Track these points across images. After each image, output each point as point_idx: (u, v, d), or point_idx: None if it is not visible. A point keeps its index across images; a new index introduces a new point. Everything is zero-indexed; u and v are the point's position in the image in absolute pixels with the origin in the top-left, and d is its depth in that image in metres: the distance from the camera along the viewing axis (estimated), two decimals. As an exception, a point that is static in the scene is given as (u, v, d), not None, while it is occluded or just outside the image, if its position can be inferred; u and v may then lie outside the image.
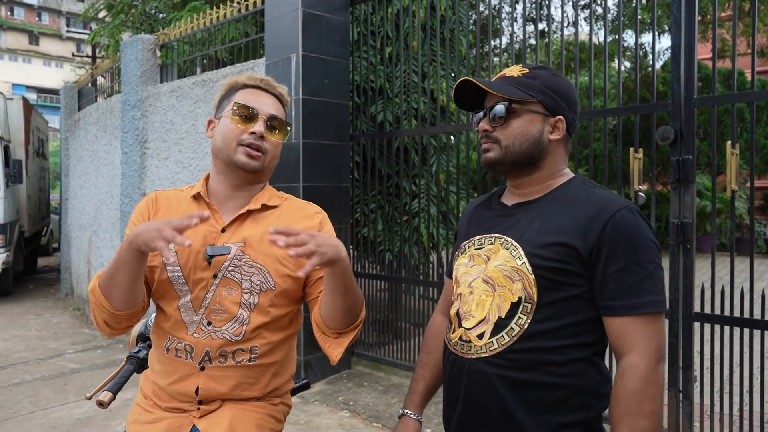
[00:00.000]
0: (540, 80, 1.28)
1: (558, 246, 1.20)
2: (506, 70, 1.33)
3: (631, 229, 1.18)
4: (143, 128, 5.79)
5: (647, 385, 1.15)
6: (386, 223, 4.71)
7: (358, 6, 4.63)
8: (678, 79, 3.03)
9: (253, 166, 1.43)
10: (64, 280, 8.62)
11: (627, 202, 1.22)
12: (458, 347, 1.29)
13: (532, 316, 1.21)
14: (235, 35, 5.22)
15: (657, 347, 1.17)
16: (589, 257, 1.19)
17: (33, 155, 10.76)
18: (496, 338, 1.23)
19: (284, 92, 1.54)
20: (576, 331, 1.21)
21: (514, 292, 1.22)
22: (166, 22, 7.54)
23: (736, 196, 2.99)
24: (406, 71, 4.64)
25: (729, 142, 2.85)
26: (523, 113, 1.27)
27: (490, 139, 1.30)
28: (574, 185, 1.30)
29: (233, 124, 1.43)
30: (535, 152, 1.28)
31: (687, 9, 2.99)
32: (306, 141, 4.17)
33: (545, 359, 1.20)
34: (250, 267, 1.41)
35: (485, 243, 1.32)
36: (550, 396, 1.20)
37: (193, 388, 1.40)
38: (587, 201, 1.23)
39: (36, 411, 3.94)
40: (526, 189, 1.32)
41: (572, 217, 1.22)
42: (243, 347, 1.40)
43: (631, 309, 1.17)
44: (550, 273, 1.20)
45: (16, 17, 48.96)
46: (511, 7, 3.77)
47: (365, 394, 4.04)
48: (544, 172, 1.30)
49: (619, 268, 1.17)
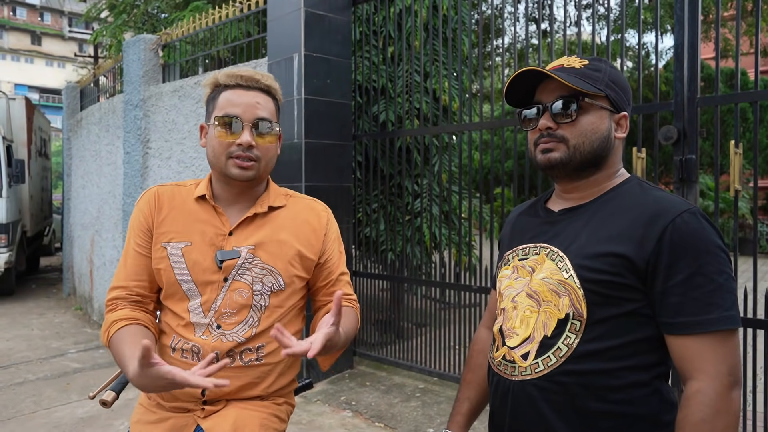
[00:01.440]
0: (604, 73, 1.16)
1: (609, 256, 1.07)
2: (563, 60, 1.19)
3: (695, 235, 1.04)
4: (145, 128, 5.80)
5: (716, 416, 0.99)
6: (388, 223, 4.71)
7: (361, 6, 4.63)
8: (681, 79, 3.02)
9: (247, 176, 1.39)
10: (67, 279, 8.63)
11: (689, 205, 1.07)
12: (502, 367, 1.17)
13: (581, 334, 1.08)
14: (238, 35, 5.22)
15: (729, 370, 1.02)
16: (646, 268, 1.05)
17: (35, 155, 10.77)
18: (541, 359, 1.10)
19: (271, 82, 1.44)
20: (632, 352, 1.08)
21: (561, 309, 1.09)
22: (168, 21, 7.55)
23: (739, 196, 2.98)
24: (408, 71, 4.64)
25: (732, 141, 2.84)
26: (592, 109, 1.14)
27: (555, 137, 1.15)
28: (629, 187, 1.16)
29: (218, 137, 1.37)
30: (605, 152, 1.15)
31: (690, 8, 2.99)
32: (308, 141, 4.17)
33: (598, 383, 1.07)
34: (261, 269, 1.40)
35: (530, 253, 1.20)
36: (604, 424, 1.08)
37: (198, 389, 1.38)
38: (643, 204, 1.10)
39: (39, 410, 3.94)
40: (580, 193, 1.19)
41: (626, 224, 1.09)
42: (250, 347, 1.40)
43: (697, 326, 1.03)
44: (601, 287, 1.07)
45: (19, 17, 49.02)
46: (513, 7, 3.76)
47: (367, 393, 4.04)
48: (603, 174, 1.18)
49: (681, 279, 1.03)
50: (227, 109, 1.37)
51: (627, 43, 10.97)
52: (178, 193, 1.48)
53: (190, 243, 1.41)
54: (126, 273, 1.44)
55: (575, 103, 1.13)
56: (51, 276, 11.09)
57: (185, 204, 1.46)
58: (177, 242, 1.41)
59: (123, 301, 1.42)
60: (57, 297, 8.72)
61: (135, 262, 1.44)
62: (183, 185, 1.50)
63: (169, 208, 1.45)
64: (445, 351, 4.20)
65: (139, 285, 1.44)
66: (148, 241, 1.44)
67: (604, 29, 10.26)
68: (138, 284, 1.44)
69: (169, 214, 1.44)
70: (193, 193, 1.47)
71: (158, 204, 1.46)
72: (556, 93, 1.15)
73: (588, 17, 9.78)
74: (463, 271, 4.25)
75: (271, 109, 1.42)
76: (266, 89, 1.42)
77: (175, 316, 1.42)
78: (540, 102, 1.18)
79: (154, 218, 1.44)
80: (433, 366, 4.26)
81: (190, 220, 1.43)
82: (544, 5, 8.96)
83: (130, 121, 5.92)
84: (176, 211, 1.45)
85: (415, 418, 3.58)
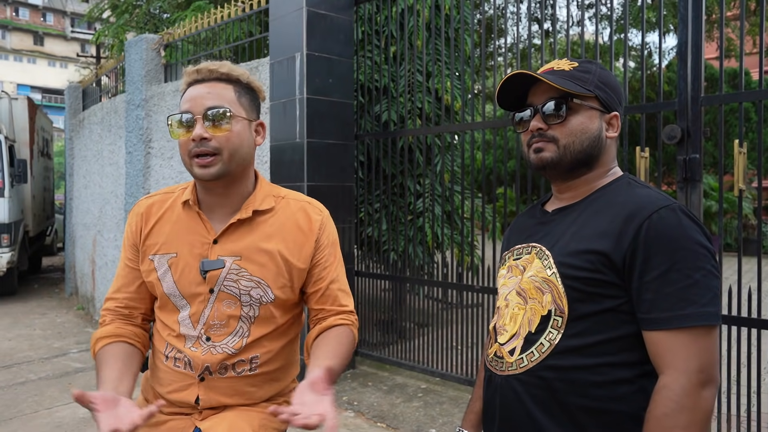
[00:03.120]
0: (593, 74, 1.19)
1: (589, 254, 1.09)
2: (553, 64, 1.23)
3: (672, 230, 1.05)
4: (147, 128, 5.79)
5: (680, 411, 0.99)
6: (390, 223, 4.70)
7: (363, 5, 4.62)
8: (685, 78, 3.01)
9: (211, 174, 1.30)
10: (69, 279, 8.64)
11: (670, 201, 1.08)
12: (493, 363, 1.21)
13: (563, 330, 1.10)
14: (240, 35, 5.22)
15: (700, 367, 1.01)
16: (624, 265, 1.07)
17: (38, 155, 10.78)
18: (525, 354, 1.14)
19: (229, 69, 1.35)
20: (614, 349, 1.08)
21: (544, 305, 1.13)
22: (170, 21, 7.55)
23: (743, 196, 2.96)
24: (410, 70, 4.63)
25: (736, 140, 2.83)
26: (581, 109, 1.17)
27: (545, 137, 1.19)
28: (617, 186, 1.19)
29: (175, 138, 1.32)
30: (595, 151, 1.18)
31: (694, 7, 2.98)
32: (310, 140, 4.17)
33: (579, 379, 1.08)
34: (248, 281, 1.35)
35: (523, 253, 1.23)
36: (586, 420, 1.08)
37: (192, 398, 1.37)
38: (625, 202, 1.11)
39: (40, 410, 3.94)
40: (573, 192, 1.23)
41: (607, 221, 1.11)
42: (243, 358, 1.37)
43: (668, 322, 1.03)
44: (581, 283, 1.09)
45: (21, 18, 49.11)
46: (515, 7, 3.76)
47: (369, 393, 4.03)
48: (595, 173, 1.21)
49: (656, 275, 1.04)
50: (181, 106, 1.33)
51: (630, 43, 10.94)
52: (166, 202, 1.44)
53: (176, 254, 1.37)
54: (117, 285, 1.45)
55: (564, 104, 1.17)
56: (53, 276, 11.10)
57: (172, 212, 1.41)
58: (163, 254, 1.38)
59: (111, 314, 1.43)
60: (59, 297, 8.73)
61: (124, 273, 1.45)
62: (172, 192, 1.46)
63: (156, 219, 1.42)
64: (448, 351, 4.18)
65: (128, 297, 1.44)
66: (136, 255, 1.43)
67: (606, 29, 10.25)
68: (127, 296, 1.44)
69: (156, 225, 1.41)
70: (180, 199, 1.41)
71: (145, 217, 1.43)
72: (547, 95, 1.19)
73: (591, 17, 9.76)
74: (465, 271, 4.24)
75: (227, 97, 1.32)
76: (225, 77, 1.34)
77: (166, 326, 1.41)
78: (531, 104, 1.21)
79: (142, 231, 1.42)
80: (435, 366, 4.25)
81: (175, 230, 1.39)
82: (546, 5, 8.95)
83: (132, 121, 5.92)
84: (163, 221, 1.41)
85: (417, 419, 3.57)
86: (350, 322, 1.44)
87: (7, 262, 8.12)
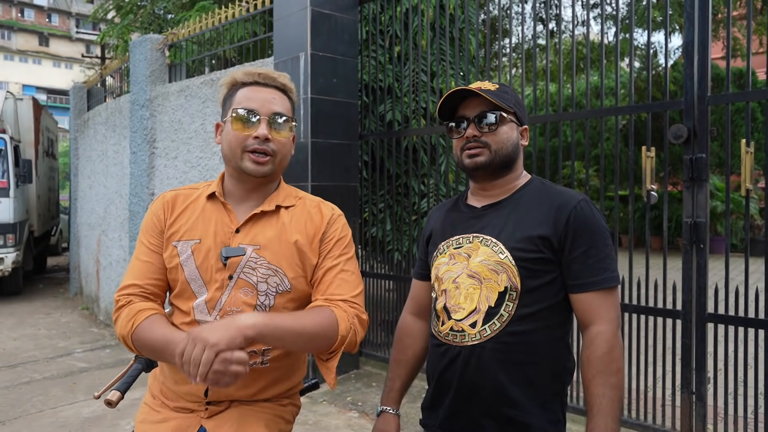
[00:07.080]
0: (511, 95, 1.47)
1: (535, 239, 1.37)
2: (480, 84, 1.46)
3: (589, 218, 1.38)
4: (152, 128, 5.80)
5: (613, 348, 1.33)
6: (395, 223, 4.69)
7: (367, 5, 4.61)
8: (691, 77, 2.99)
9: (262, 172, 1.40)
10: (74, 279, 8.66)
11: (582, 195, 1.42)
12: (450, 337, 1.42)
13: (517, 302, 1.37)
14: (244, 35, 5.22)
15: (617, 316, 1.37)
16: (559, 244, 1.37)
17: (43, 155, 10.82)
18: (488, 325, 1.37)
19: (287, 81, 1.47)
20: (553, 313, 1.39)
21: (500, 283, 1.37)
22: (174, 22, 7.56)
23: (749, 196, 2.94)
24: (414, 70, 4.62)
25: (743, 140, 2.81)
26: (506, 121, 1.44)
27: (480, 143, 1.43)
28: (536, 185, 1.48)
29: (235, 130, 1.39)
30: (515, 156, 1.46)
31: (700, 6, 2.96)
32: (315, 140, 4.16)
33: (531, 339, 1.37)
34: (266, 269, 1.39)
35: (464, 243, 1.46)
36: (534, 372, 1.37)
37: (202, 389, 1.38)
38: (551, 197, 1.42)
39: (45, 410, 3.95)
40: (496, 191, 1.48)
41: (543, 212, 1.40)
42: (255, 350, 1.37)
43: (593, 285, 1.36)
44: (530, 263, 1.36)
45: (27, 19, 49.34)
46: (520, 7, 3.74)
47: (374, 394, 4.02)
48: (512, 175, 1.48)
49: (582, 252, 1.36)
50: (244, 104, 1.40)
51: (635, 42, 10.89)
52: (191, 195, 1.50)
53: (200, 240, 1.42)
54: (140, 271, 1.43)
55: (496, 116, 1.43)
56: (58, 276, 11.14)
57: (197, 204, 1.47)
58: (187, 240, 1.42)
59: (137, 297, 1.42)
60: (64, 297, 8.76)
61: (149, 259, 1.44)
62: (196, 188, 1.53)
63: (182, 209, 1.47)
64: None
65: (152, 283, 1.43)
66: (160, 241, 1.45)
67: (612, 29, 10.21)
68: (151, 282, 1.43)
69: (181, 214, 1.46)
70: (205, 193, 1.48)
71: (171, 205, 1.48)
72: (480, 108, 1.44)
73: (596, 16, 9.73)
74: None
75: (286, 107, 1.45)
76: (282, 87, 1.46)
77: (181, 313, 1.42)
78: (464, 116, 1.46)
79: (167, 219, 1.46)
80: (439, 367, 4.23)
81: (200, 219, 1.44)
82: (551, 5, 8.93)
83: (136, 121, 5.93)
84: (188, 211, 1.46)
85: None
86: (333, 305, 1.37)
87: (12, 262, 8.15)
